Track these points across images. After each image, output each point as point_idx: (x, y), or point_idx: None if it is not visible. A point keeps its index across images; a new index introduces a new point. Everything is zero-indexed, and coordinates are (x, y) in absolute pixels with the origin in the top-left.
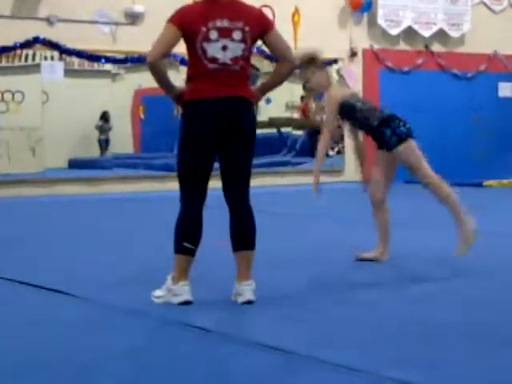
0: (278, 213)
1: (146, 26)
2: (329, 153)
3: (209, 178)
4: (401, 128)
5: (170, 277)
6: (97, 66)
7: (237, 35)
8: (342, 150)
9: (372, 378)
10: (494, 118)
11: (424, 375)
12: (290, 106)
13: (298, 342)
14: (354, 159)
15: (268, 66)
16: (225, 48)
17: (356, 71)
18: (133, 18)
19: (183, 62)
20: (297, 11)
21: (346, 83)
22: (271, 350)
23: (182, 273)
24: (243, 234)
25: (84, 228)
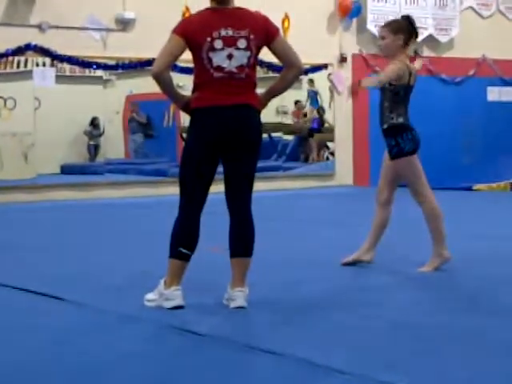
0: (271, 217)
1: (136, 33)
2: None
3: (210, 185)
4: (406, 142)
5: (163, 281)
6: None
7: (241, 43)
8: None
9: (364, 382)
10: (483, 122)
11: (416, 379)
12: (280, 112)
13: (291, 346)
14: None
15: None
16: (230, 57)
17: (345, 77)
18: (124, 24)
19: (175, 67)
20: (286, 17)
21: (335, 88)
22: (264, 354)
23: (174, 277)
24: (242, 241)
25: (76, 233)
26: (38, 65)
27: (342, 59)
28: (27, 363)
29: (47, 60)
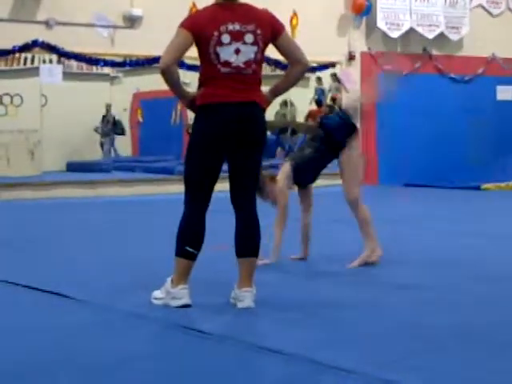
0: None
1: (144, 30)
2: None
3: (215, 182)
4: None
5: (170, 279)
6: (95, 69)
7: (249, 38)
8: None
9: (368, 380)
10: (492, 121)
11: (419, 378)
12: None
13: (297, 345)
14: None
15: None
16: (237, 51)
17: (354, 75)
18: (131, 21)
19: (183, 65)
20: (295, 15)
21: (343, 86)
22: (271, 353)
23: (181, 276)
24: (249, 241)
25: (81, 231)
26: (44, 62)
27: (351, 57)
28: (32, 362)
29: (54, 57)
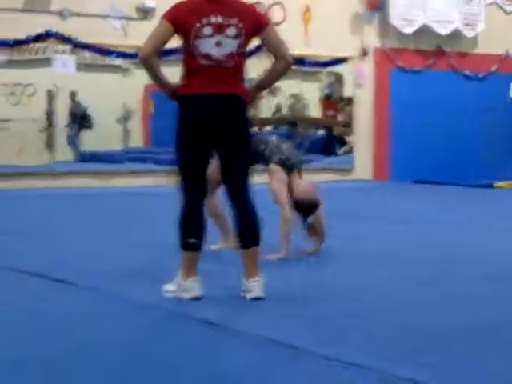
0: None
1: (157, 21)
2: (336, 152)
3: (205, 173)
4: None
5: (181, 272)
6: (108, 60)
7: (231, 31)
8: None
9: (380, 376)
10: (506, 119)
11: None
12: None
13: (306, 339)
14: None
15: None
16: (218, 44)
17: (367, 70)
18: (144, 12)
19: None
20: (308, 9)
21: (356, 82)
22: (278, 345)
23: (190, 269)
24: (248, 231)
25: (92, 220)
26: (57, 52)
27: (364, 53)
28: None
29: (67, 47)
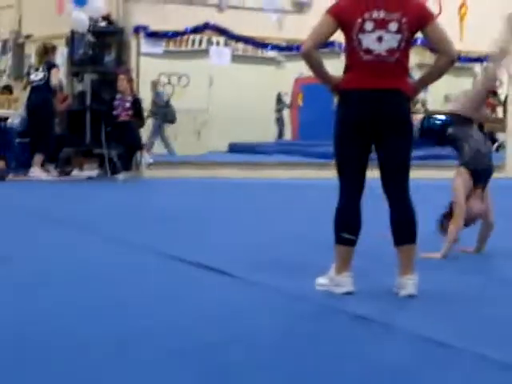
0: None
1: (312, 15)
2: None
3: (365, 168)
4: None
5: (334, 266)
6: (260, 52)
7: (393, 26)
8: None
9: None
10: None
11: None
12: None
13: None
14: None
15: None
16: (380, 39)
17: None
18: (300, 6)
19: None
20: (464, 4)
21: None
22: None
23: (343, 263)
24: (405, 228)
25: (245, 210)
26: (212, 43)
27: None
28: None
29: (221, 39)
